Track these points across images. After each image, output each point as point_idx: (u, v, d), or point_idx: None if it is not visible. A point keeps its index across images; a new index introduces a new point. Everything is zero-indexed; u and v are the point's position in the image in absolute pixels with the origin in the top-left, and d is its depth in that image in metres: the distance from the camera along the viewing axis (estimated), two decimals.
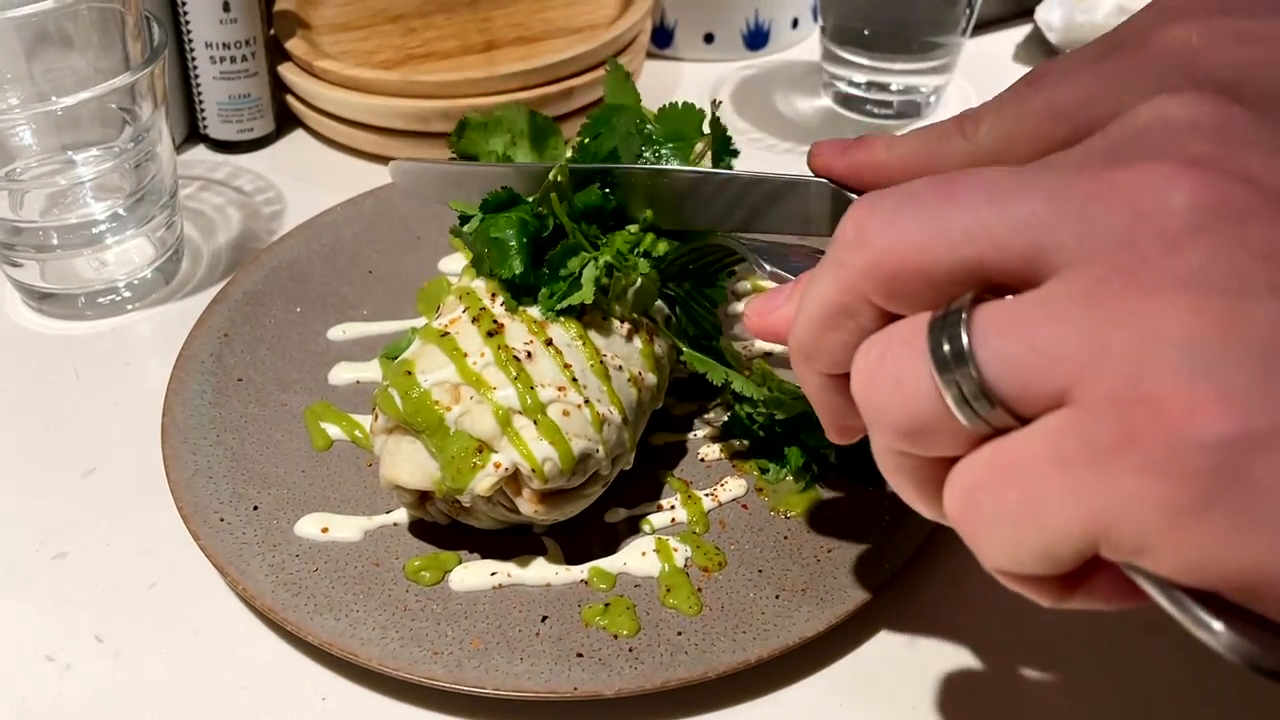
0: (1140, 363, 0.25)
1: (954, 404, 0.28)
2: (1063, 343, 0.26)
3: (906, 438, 0.29)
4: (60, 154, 0.62)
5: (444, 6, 0.85)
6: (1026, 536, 0.27)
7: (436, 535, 0.50)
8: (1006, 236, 0.28)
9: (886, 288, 0.30)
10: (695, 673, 0.43)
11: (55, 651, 0.47)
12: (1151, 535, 0.25)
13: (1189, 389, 0.24)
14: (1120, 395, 0.25)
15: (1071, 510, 0.26)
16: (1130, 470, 0.24)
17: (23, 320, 0.64)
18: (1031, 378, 0.26)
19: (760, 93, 0.87)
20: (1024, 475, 0.26)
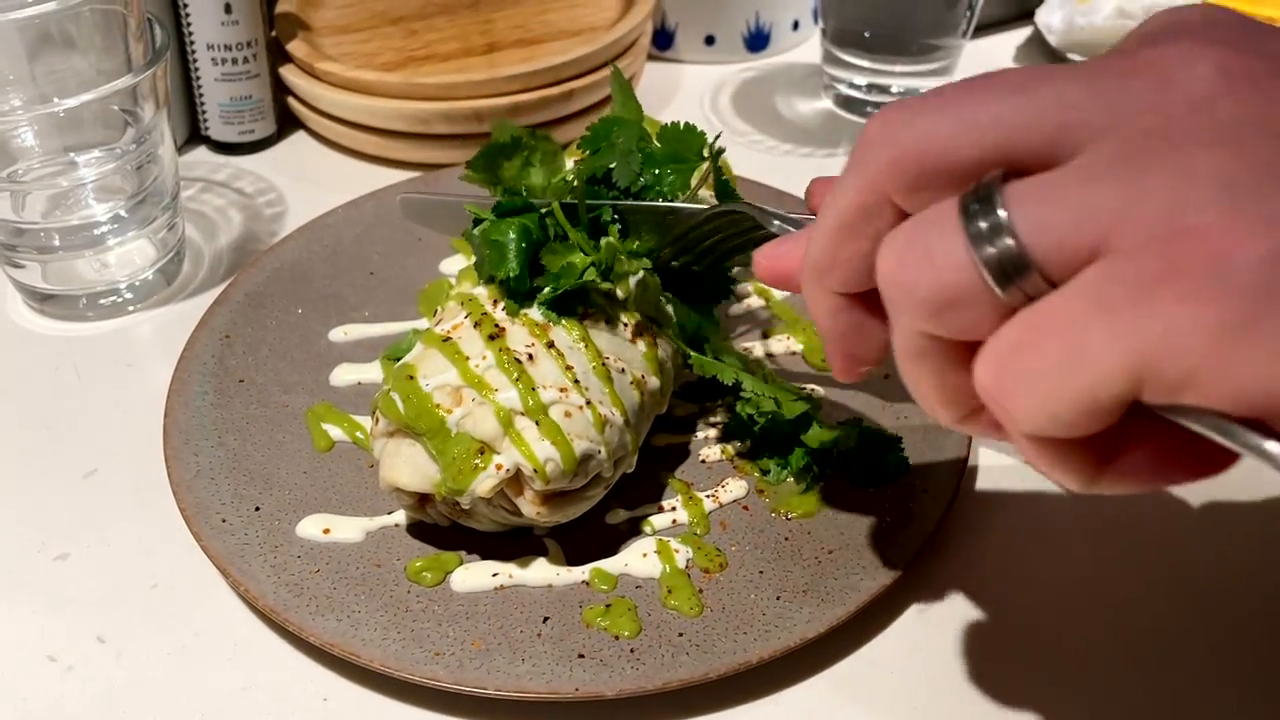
0: (1177, 201, 0.25)
1: (990, 273, 0.27)
2: (1098, 198, 0.26)
3: (937, 314, 0.29)
4: (62, 155, 0.62)
5: (445, 9, 0.85)
6: (1067, 384, 0.26)
7: (438, 536, 0.50)
8: (1035, 118, 0.28)
9: (912, 182, 0.30)
10: (696, 674, 0.43)
11: (57, 652, 0.47)
12: (1198, 362, 0.24)
13: (1231, 216, 0.24)
14: (1159, 233, 0.25)
15: (1115, 348, 0.25)
16: (1174, 299, 0.25)
17: (24, 321, 0.64)
18: (1067, 234, 0.26)
19: (761, 95, 0.87)
20: (1064, 327, 0.26)
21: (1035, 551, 0.50)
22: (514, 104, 0.74)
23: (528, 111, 0.75)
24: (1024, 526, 0.52)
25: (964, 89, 0.29)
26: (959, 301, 0.28)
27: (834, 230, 0.33)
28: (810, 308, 0.36)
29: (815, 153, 0.80)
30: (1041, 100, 0.28)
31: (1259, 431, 0.25)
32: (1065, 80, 0.28)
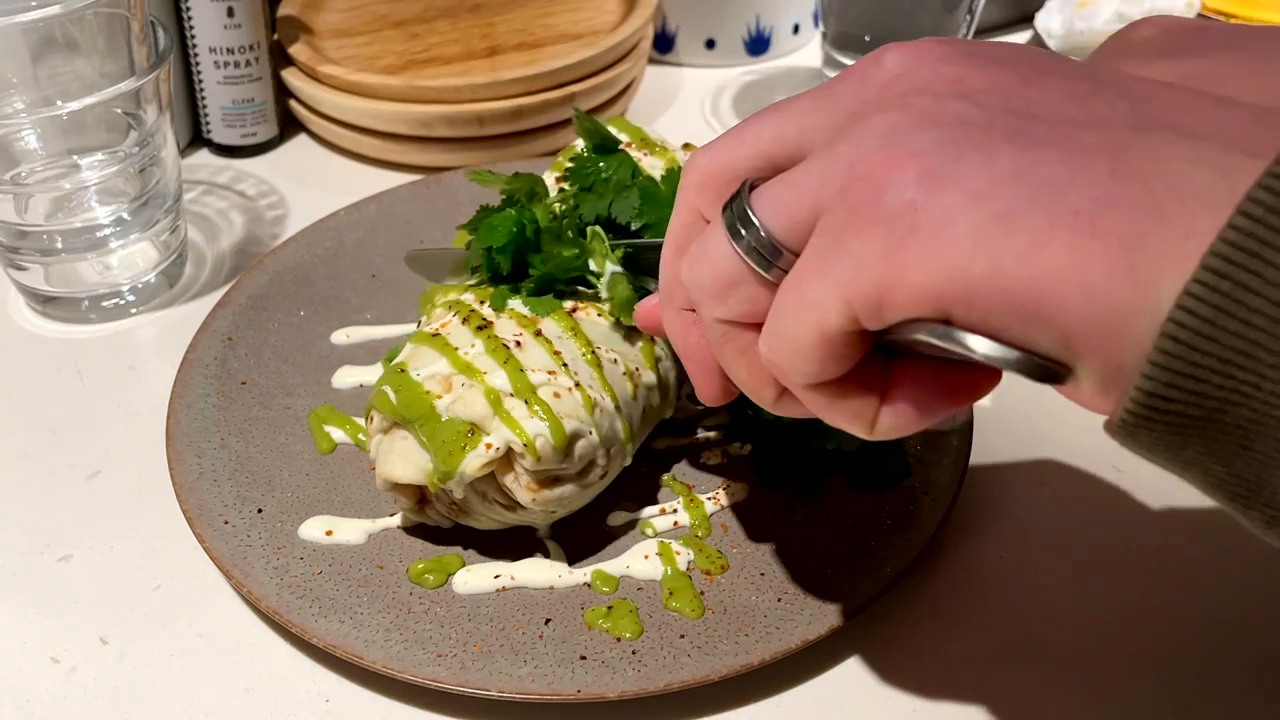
0: (854, 154, 0.30)
1: (749, 256, 0.33)
2: (809, 175, 0.31)
3: (722, 299, 0.34)
4: (65, 158, 0.62)
5: (447, 12, 0.85)
6: (801, 329, 0.31)
7: (440, 538, 0.50)
8: (783, 129, 0.34)
9: (710, 197, 0.36)
10: (698, 675, 0.43)
11: (60, 653, 0.47)
12: (881, 281, 0.29)
13: (885, 155, 0.29)
14: (842, 184, 0.30)
15: (825, 287, 0.30)
16: (855, 234, 0.29)
17: (27, 324, 0.64)
18: (791, 210, 0.32)
19: (761, 98, 0.87)
20: (796, 281, 0.31)
21: (1035, 554, 0.51)
22: (515, 107, 0.74)
23: (529, 115, 0.75)
24: (1024, 529, 0.52)
25: (744, 121, 0.36)
26: (735, 285, 0.34)
27: (669, 253, 0.39)
28: (667, 331, 0.40)
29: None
30: (788, 115, 0.34)
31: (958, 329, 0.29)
32: (807, 97, 0.34)
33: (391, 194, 0.69)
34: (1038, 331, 0.27)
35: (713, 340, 0.36)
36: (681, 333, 0.40)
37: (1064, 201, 0.27)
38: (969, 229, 0.27)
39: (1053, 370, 0.27)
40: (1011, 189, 0.27)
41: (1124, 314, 0.26)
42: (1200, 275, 0.24)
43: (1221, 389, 0.25)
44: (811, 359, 0.31)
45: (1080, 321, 0.26)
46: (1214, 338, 0.25)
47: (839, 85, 0.33)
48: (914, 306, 0.28)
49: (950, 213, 0.28)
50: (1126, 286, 0.26)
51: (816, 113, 0.33)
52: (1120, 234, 0.26)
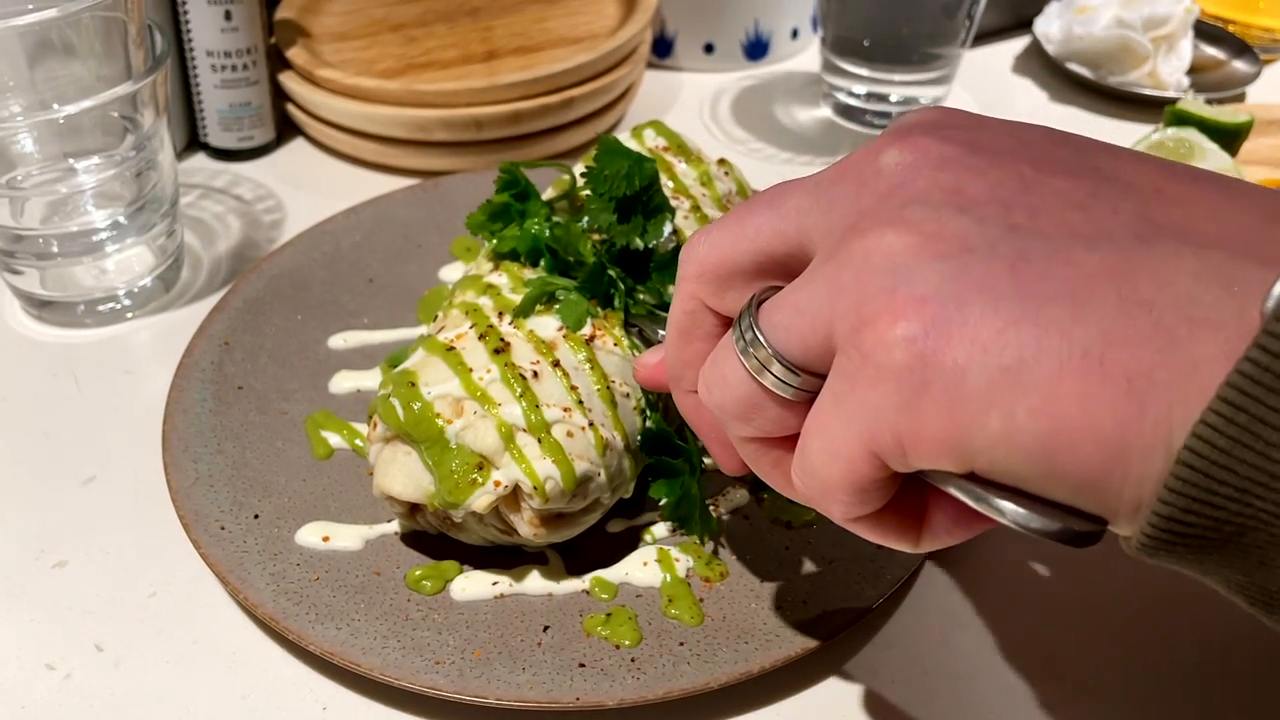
0: (861, 292, 0.29)
1: (768, 382, 0.33)
2: (815, 297, 0.31)
3: (746, 421, 0.34)
4: (61, 162, 0.62)
5: (445, 16, 0.85)
6: (835, 476, 0.31)
7: (438, 544, 0.50)
8: (781, 225, 0.34)
9: (712, 288, 0.36)
10: (697, 683, 0.43)
11: (55, 660, 0.46)
12: (900, 432, 0.29)
13: (890, 300, 0.29)
14: (852, 325, 0.29)
15: (849, 435, 0.30)
16: (868, 384, 0.29)
17: (22, 328, 0.64)
18: (804, 335, 0.31)
19: (760, 103, 0.87)
20: (818, 423, 0.31)
21: (1035, 560, 0.50)
22: (514, 111, 0.74)
23: (527, 119, 0.75)
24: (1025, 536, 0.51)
25: (740, 210, 0.35)
26: (757, 409, 0.34)
27: (674, 338, 0.39)
28: (678, 408, 0.41)
29: (814, 161, 0.80)
30: (784, 211, 0.34)
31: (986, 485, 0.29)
32: (801, 192, 0.34)
33: (389, 198, 0.69)
34: (1056, 483, 0.27)
35: (743, 455, 0.36)
36: (694, 414, 0.40)
37: (1071, 342, 0.26)
38: (980, 385, 0.27)
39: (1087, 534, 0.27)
40: (1018, 335, 0.27)
41: (1139, 454, 0.26)
42: (1216, 406, 0.24)
43: (1240, 515, 0.25)
44: (844, 501, 0.31)
45: (1097, 469, 0.26)
46: (1230, 468, 0.24)
47: (836, 186, 0.33)
48: (935, 459, 0.28)
49: (960, 368, 0.27)
50: (1137, 428, 0.25)
51: (814, 213, 0.33)
52: (1128, 372, 0.25)
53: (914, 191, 0.30)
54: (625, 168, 0.52)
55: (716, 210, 0.59)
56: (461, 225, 0.67)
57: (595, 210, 0.53)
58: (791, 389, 0.32)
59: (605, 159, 0.53)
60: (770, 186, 0.36)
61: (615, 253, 0.53)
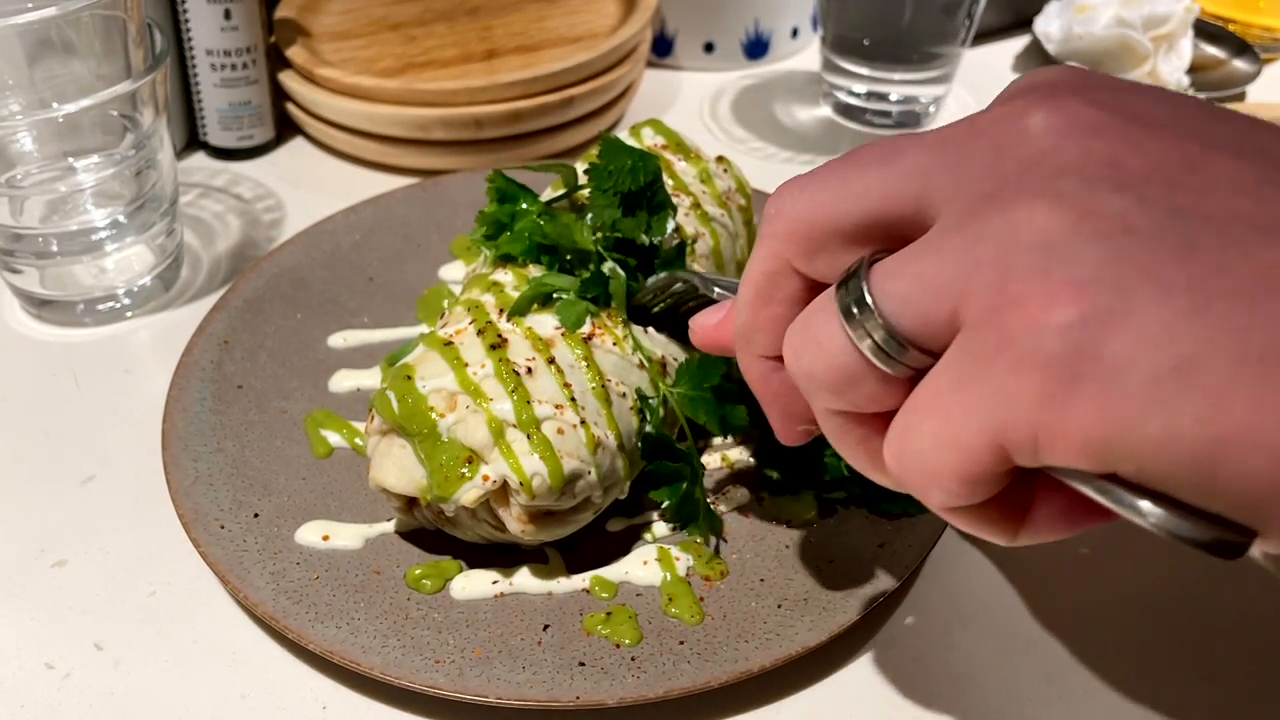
0: (1004, 269, 0.27)
1: (869, 352, 0.30)
2: (944, 269, 0.28)
3: (840, 396, 0.32)
4: (61, 160, 0.62)
5: (444, 15, 0.85)
6: (945, 463, 0.28)
7: (438, 543, 0.50)
8: (897, 186, 0.31)
9: (806, 248, 0.33)
10: (697, 682, 0.43)
11: (55, 659, 0.46)
12: (1040, 427, 0.26)
13: (1044, 282, 0.26)
14: (992, 303, 0.27)
15: (973, 423, 0.27)
16: (1008, 370, 0.26)
17: (22, 327, 0.64)
18: (925, 308, 0.29)
19: (760, 102, 0.87)
20: (934, 405, 0.29)
21: (1035, 560, 0.50)
22: (513, 110, 0.74)
23: (527, 118, 0.75)
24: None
25: (844, 162, 0.32)
26: (854, 382, 0.31)
27: (750, 299, 0.36)
28: (744, 374, 0.38)
29: (814, 160, 0.80)
30: (902, 169, 0.31)
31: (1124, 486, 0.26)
32: (922, 149, 0.31)
33: (388, 197, 0.69)
34: (1215, 496, 0.25)
35: (826, 430, 0.34)
36: (761, 380, 0.38)
37: (1248, 345, 0.24)
38: (1142, 383, 0.25)
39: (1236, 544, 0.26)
40: (1188, 331, 0.24)
41: None
42: None
43: None
44: (951, 490, 0.29)
45: (1264, 485, 0.24)
46: None
47: (970, 144, 0.29)
48: (1074, 459, 0.26)
49: (1121, 361, 0.25)
50: None
51: (941, 174, 0.30)
52: None
53: (1065, 161, 0.27)
54: (629, 164, 0.52)
55: (716, 207, 0.59)
56: (461, 224, 0.67)
57: (600, 207, 0.53)
58: (898, 364, 0.30)
59: (609, 155, 0.53)
60: (873, 142, 0.33)
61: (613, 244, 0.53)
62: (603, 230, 0.52)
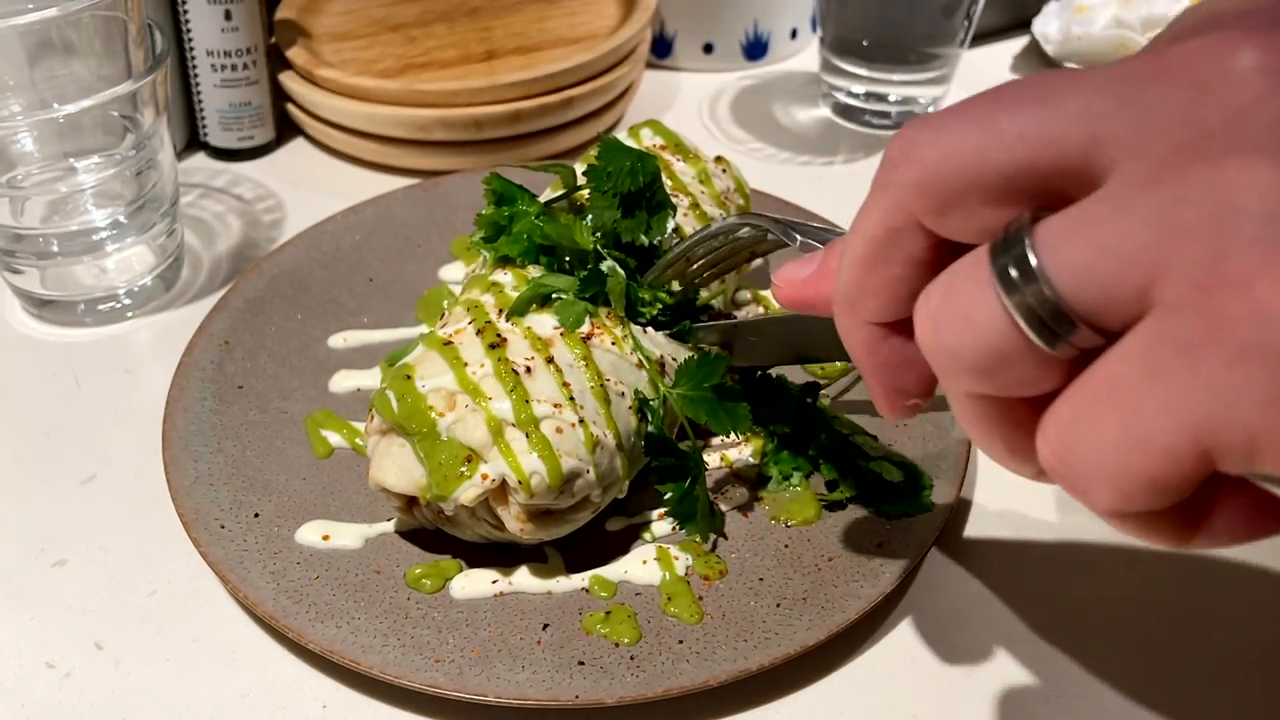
0: (1219, 241, 0.23)
1: (1032, 330, 0.26)
2: (1134, 235, 0.24)
3: (988, 378, 0.27)
4: (62, 161, 0.62)
5: (444, 16, 0.85)
6: (1132, 465, 0.24)
7: (437, 543, 0.50)
8: (1061, 132, 0.26)
9: (939, 203, 0.28)
10: (697, 681, 0.43)
11: (55, 659, 0.46)
12: (1262, 431, 0.23)
13: (1269, 259, 0.22)
14: (1203, 282, 0.23)
15: (1173, 422, 0.24)
16: (1226, 363, 0.23)
17: (22, 327, 0.64)
18: (1108, 281, 0.24)
19: (759, 103, 0.87)
20: (1118, 397, 0.25)
21: (1035, 559, 0.51)
22: (513, 111, 0.74)
23: (527, 119, 0.75)
24: (1023, 535, 0.52)
25: (988, 100, 0.27)
26: (1008, 362, 0.27)
27: (862, 259, 0.31)
28: (844, 340, 0.34)
29: (813, 161, 0.80)
30: (1068, 112, 0.26)
31: None
32: (1092, 89, 0.26)
33: (389, 197, 0.69)
34: None
35: (961, 414, 0.30)
36: (867, 349, 0.33)
37: None
38: None
39: None
40: None
41: None
42: None
43: None
44: (1129, 495, 0.25)
45: None
46: None
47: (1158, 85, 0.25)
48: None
49: None
50: None
51: (1120, 119, 0.25)
52: None
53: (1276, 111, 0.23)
54: (628, 164, 0.52)
55: (715, 207, 0.59)
56: (461, 225, 0.67)
57: (599, 208, 0.53)
58: (1064, 344, 0.26)
59: (607, 156, 0.53)
60: (1025, 77, 0.28)
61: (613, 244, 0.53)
62: (603, 232, 0.53)
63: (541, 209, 0.54)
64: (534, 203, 0.54)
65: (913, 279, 0.30)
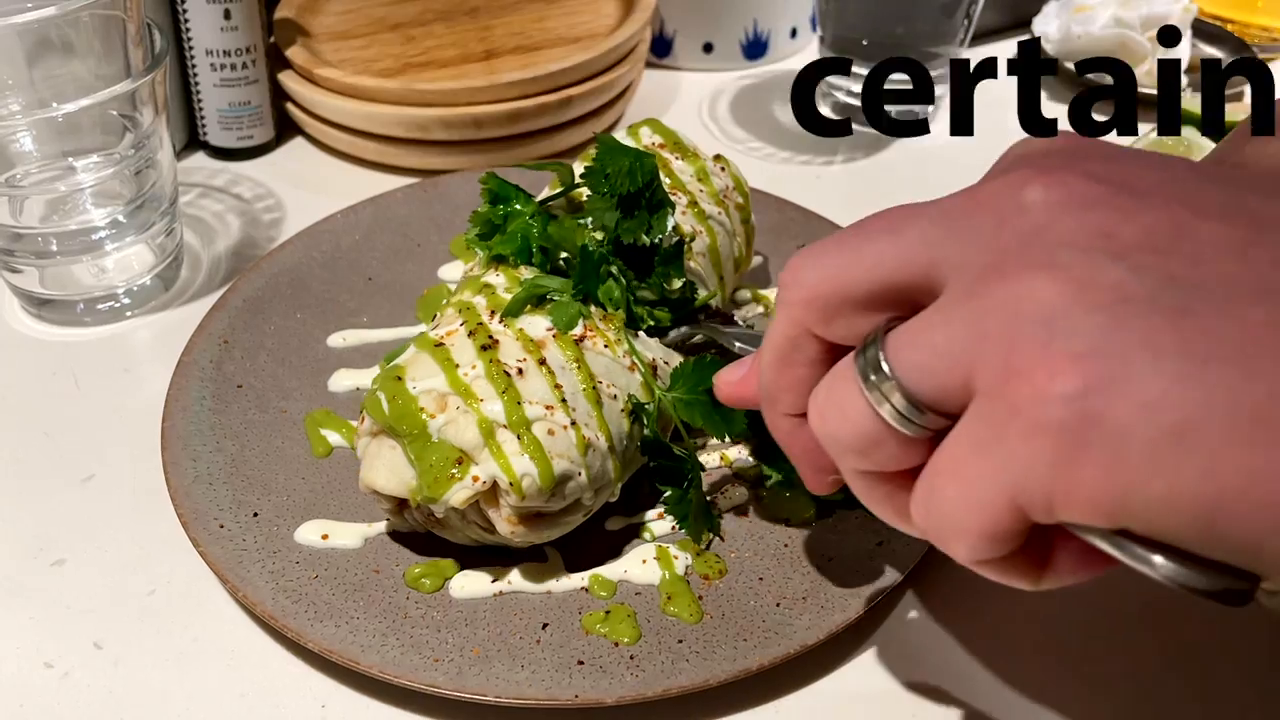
0: (1011, 341, 0.28)
1: (890, 418, 0.32)
2: (955, 340, 0.30)
3: (866, 458, 0.33)
4: (61, 160, 0.62)
5: (444, 15, 0.85)
6: (971, 524, 0.30)
7: (437, 542, 0.50)
8: (906, 257, 0.32)
9: (822, 316, 0.35)
10: (696, 681, 0.43)
11: (54, 658, 0.46)
12: (1053, 490, 0.28)
13: (1046, 354, 0.27)
14: (1002, 374, 0.28)
15: (993, 487, 0.29)
16: (1020, 437, 0.28)
17: (22, 327, 0.64)
18: (940, 378, 0.30)
19: (759, 102, 0.87)
20: (956, 468, 0.30)
21: None
22: (513, 110, 0.74)
23: (526, 118, 0.75)
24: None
25: (853, 233, 0.34)
26: (877, 445, 0.33)
27: (773, 363, 0.38)
28: (771, 431, 0.40)
29: (813, 160, 0.80)
30: (909, 241, 0.32)
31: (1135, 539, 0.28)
32: (928, 220, 0.32)
33: (388, 197, 0.69)
34: (1218, 546, 0.27)
35: (853, 488, 0.36)
36: (789, 437, 0.39)
37: (1240, 406, 0.25)
38: (1143, 447, 0.26)
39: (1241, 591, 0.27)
40: (1184, 395, 0.26)
41: None
42: None
43: None
44: (975, 547, 0.30)
45: (1263, 533, 0.26)
46: None
47: (972, 217, 0.31)
48: (1087, 517, 0.28)
49: (1123, 427, 0.26)
50: None
51: (945, 246, 0.31)
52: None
53: (1062, 233, 0.29)
54: (627, 165, 0.52)
55: (714, 205, 0.59)
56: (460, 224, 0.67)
57: (599, 209, 0.53)
58: (917, 427, 0.31)
59: (605, 157, 0.53)
60: (881, 211, 0.34)
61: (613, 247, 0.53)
62: (604, 234, 0.53)
63: (537, 208, 0.54)
64: (529, 202, 0.54)
65: (815, 377, 0.36)
